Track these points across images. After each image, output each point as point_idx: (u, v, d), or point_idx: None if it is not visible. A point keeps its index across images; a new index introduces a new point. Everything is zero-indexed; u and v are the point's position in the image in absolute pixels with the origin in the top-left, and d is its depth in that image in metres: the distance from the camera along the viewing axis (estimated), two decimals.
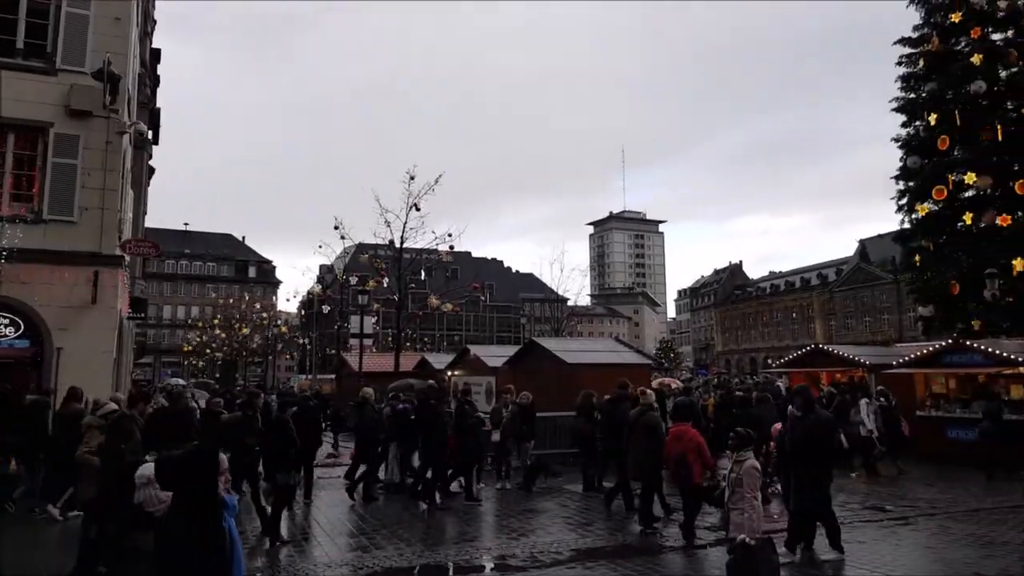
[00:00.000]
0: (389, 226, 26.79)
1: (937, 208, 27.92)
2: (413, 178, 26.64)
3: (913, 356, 19.48)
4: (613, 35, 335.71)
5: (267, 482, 10.64)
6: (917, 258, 28.79)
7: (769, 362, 67.88)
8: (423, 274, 30.25)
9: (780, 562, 7.36)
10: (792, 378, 23.52)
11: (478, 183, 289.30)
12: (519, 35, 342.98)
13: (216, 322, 76.24)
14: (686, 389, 21.98)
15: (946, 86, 27.65)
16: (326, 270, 55.38)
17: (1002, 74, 27.00)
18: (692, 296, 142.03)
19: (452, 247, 28.13)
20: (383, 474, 14.13)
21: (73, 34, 15.66)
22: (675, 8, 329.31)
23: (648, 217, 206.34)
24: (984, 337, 22.41)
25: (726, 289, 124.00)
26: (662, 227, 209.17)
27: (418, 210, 26.39)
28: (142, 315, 25.03)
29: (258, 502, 10.56)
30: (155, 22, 27.91)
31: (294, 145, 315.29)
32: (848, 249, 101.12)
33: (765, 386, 22.66)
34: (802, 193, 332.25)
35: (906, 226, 29.90)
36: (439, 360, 30.53)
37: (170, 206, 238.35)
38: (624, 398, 12.20)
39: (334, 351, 60.95)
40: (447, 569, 8.52)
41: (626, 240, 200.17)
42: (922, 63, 29.05)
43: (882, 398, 16.11)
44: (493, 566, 8.64)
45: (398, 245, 26.93)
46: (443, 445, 12.44)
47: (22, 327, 14.91)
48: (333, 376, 40.95)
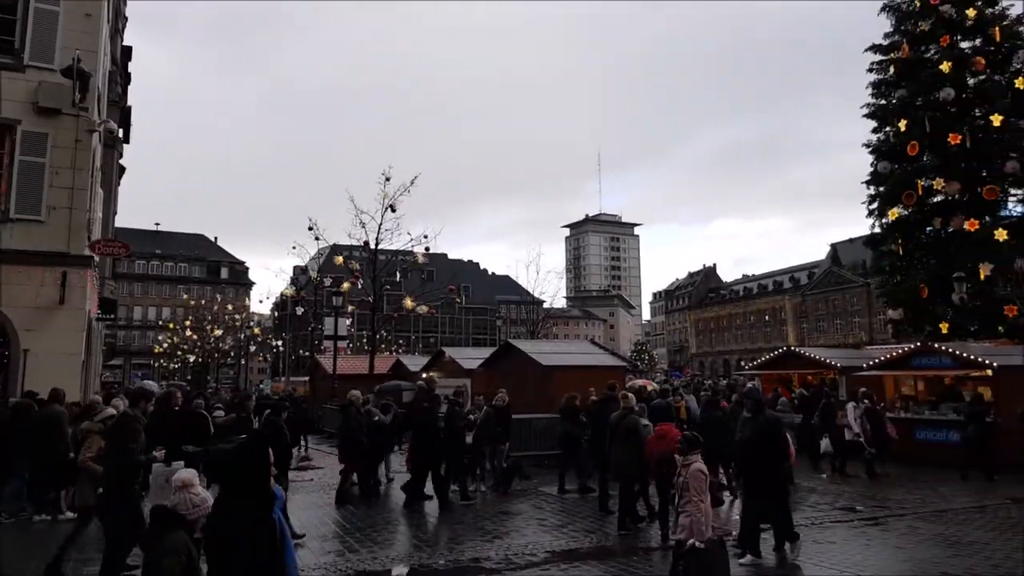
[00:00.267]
0: (364, 227, 26.71)
1: (907, 213, 28.33)
2: (389, 179, 26.59)
3: (883, 358, 19.73)
4: (589, 38, 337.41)
5: None
6: (887, 262, 29.21)
7: (742, 364, 68.47)
8: (398, 276, 30.13)
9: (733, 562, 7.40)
10: (764, 380, 23.71)
11: (454, 185, 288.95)
12: (495, 38, 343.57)
13: (188, 324, 75.37)
14: (663, 391, 22.05)
15: (916, 93, 28.06)
16: (300, 271, 54.95)
17: (970, 81, 27.46)
18: (667, 299, 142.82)
19: (428, 249, 28.06)
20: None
21: (42, 30, 15.41)
22: (651, 12, 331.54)
23: (623, 220, 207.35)
24: (952, 340, 22.77)
25: (700, 292, 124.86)
26: (637, 230, 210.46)
27: (393, 211, 26.34)
28: (112, 316, 24.65)
29: None
30: (126, 19, 27.56)
31: (268, 145, 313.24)
32: (820, 253, 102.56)
33: (734, 389, 22.83)
34: (776, 197, 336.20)
35: (876, 230, 30.32)
36: (414, 362, 30.37)
37: (141, 206, 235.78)
38: (612, 399, 12.23)
39: (307, 353, 60.54)
40: (421, 572, 8.47)
41: (602, 243, 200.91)
42: (892, 70, 29.48)
43: (867, 400, 16.15)
44: (467, 568, 8.61)
45: (373, 246, 26.79)
46: (439, 447, 12.34)
47: None
48: (307, 378, 40.65)
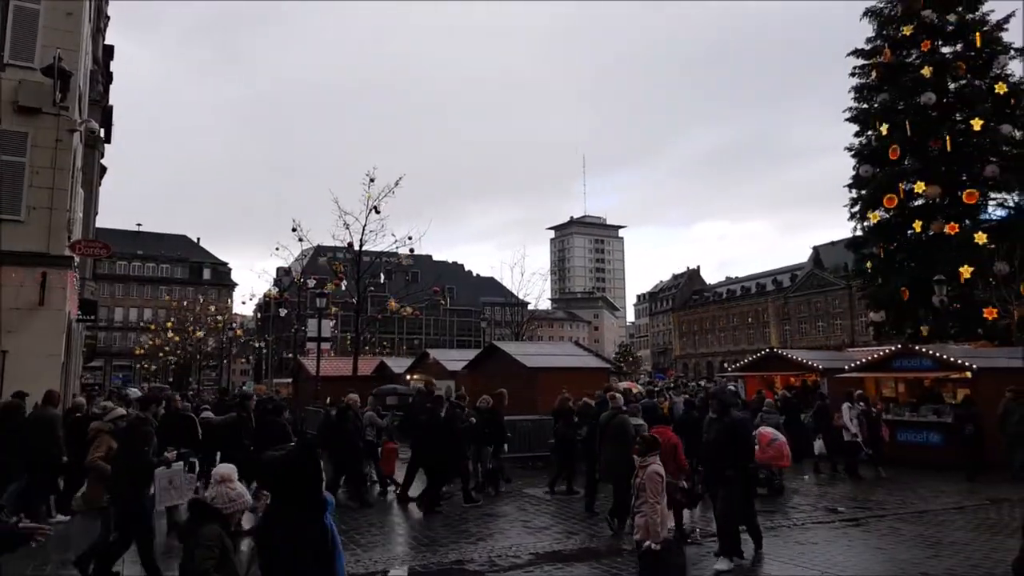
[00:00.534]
0: (348, 228, 26.60)
1: (888, 216, 28.62)
2: (373, 180, 26.49)
3: (864, 360, 19.90)
4: (575, 41, 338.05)
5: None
6: (869, 265, 29.47)
7: (726, 366, 68.79)
8: (382, 277, 30.00)
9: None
10: (748, 382, 23.85)
11: (439, 187, 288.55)
12: (480, 40, 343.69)
13: (169, 325, 74.79)
14: (650, 393, 22.32)
15: (897, 97, 28.35)
16: (283, 272, 54.70)
17: (951, 86, 27.80)
18: (651, 301, 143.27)
19: (412, 250, 28.00)
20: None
21: (22, 29, 15.22)
22: (636, 16, 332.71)
23: (608, 222, 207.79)
24: (932, 342, 23.02)
25: (684, 294, 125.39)
26: (622, 232, 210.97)
27: (378, 212, 26.23)
28: (92, 317, 24.40)
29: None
30: (108, 18, 27.30)
31: (252, 146, 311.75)
32: (803, 255, 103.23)
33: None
34: (760, 200, 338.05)
35: (858, 233, 30.60)
36: (398, 364, 30.30)
37: (123, 206, 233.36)
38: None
39: (291, 355, 60.26)
40: (404, 575, 8.45)
41: (586, 245, 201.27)
42: (874, 74, 29.77)
43: (862, 402, 16.20)
44: (451, 571, 8.59)
45: (357, 248, 26.70)
46: (445, 449, 12.33)
47: None
48: (290, 380, 40.44)
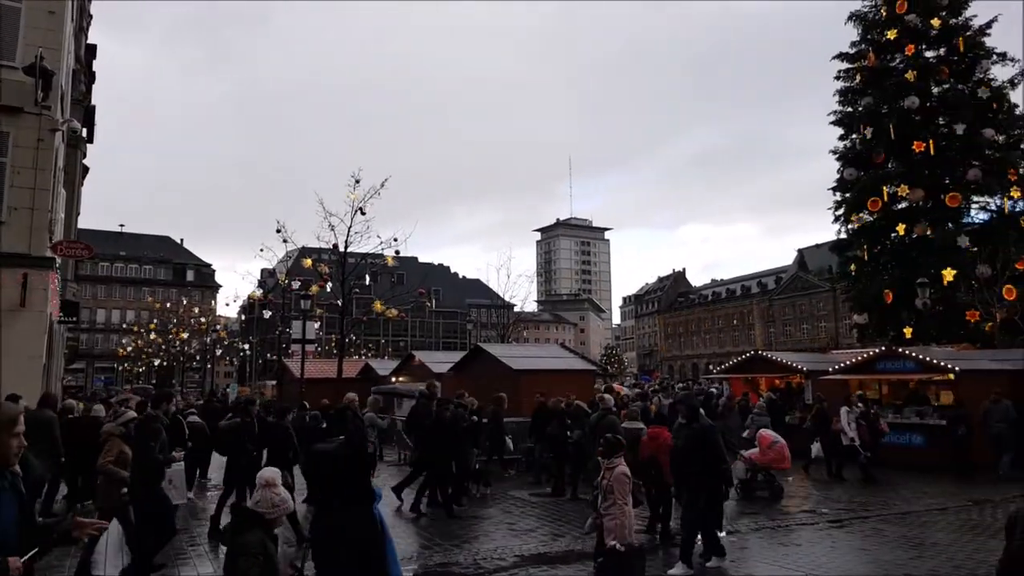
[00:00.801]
0: (333, 230, 26.42)
1: (872, 219, 28.81)
2: (359, 182, 26.31)
3: (848, 362, 20.00)
4: (560, 43, 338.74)
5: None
6: (853, 267, 29.65)
7: (711, 368, 69.08)
8: (368, 279, 29.84)
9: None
10: (732, 384, 23.92)
11: (426, 189, 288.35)
12: (467, 41, 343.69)
13: (152, 327, 74.23)
14: (642, 395, 22.51)
15: (881, 101, 28.55)
16: (268, 274, 54.50)
17: (934, 90, 28.02)
18: (637, 303, 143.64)
19: (398, 252, 27.85)
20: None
21: (4, 27, 15.05)
22: (623, 19, 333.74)
23: (595, 224, 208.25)
24: (915, 344, 23.17)
25: (670, 296, 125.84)
26: (608, 234, 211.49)
27: (363, 214, 26.04)
28: (74, 319, 24.17)
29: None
30: (91, 17, 27.07)
31: (236, 146, 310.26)
32: (787, 258, 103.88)
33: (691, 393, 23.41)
34: (746, 202, 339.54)
35: (842, 236, 30.80)
36: (383, 366, 30.18)
37: (105, 207, 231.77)
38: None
39: (275, 357, 59.96)
40: None
41: (572, 247, 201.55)
42: (859, 78, 29.98)
43: (861, 404, 16.15)
44: (436, 574, 8.54)
45: (342, 249, 26.56)
46: (453, 452, 12.31)
47: None
48: (274, 382, 40.22)
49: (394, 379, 26.39)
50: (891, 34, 28.57)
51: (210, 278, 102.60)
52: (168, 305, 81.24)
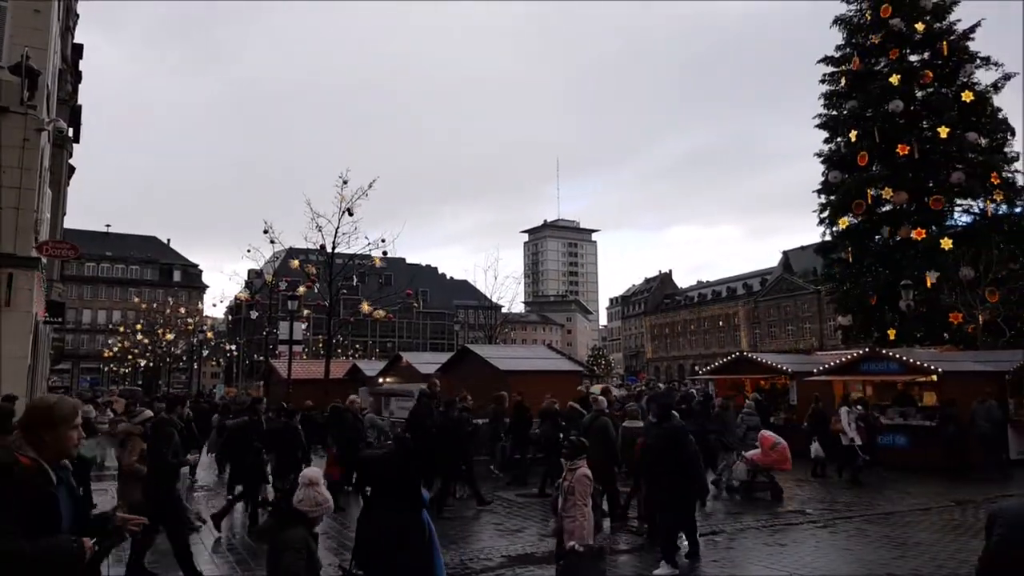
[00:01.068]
0: (321, 231, 26.34)
1: (856, 221, 29.01)
2: (346, 182, 26.24)
3: (833, 364, 20.12)
4: (549, 44, 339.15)
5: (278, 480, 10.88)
6: (837, 269, 29.88)
7: (696, 369, 69.32)
8: (355, 280, 29.79)
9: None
10: (718, 384, 24.04)
11: (413, 190, 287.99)
12: (456, 42, 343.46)
13: (139, 327, 73.74)
14: (634, 396, 22.66)
15: (866, 104, 28.79)
16: (255, 275, 54.20)
17: (918, 94, 28.26)
18: (623, 304, 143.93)
19: (386, 253, 27.82)
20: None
21: None
22: (611, 21, 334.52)
23: (582, 226, 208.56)
24: (899, 346, 23.38)
25: (656, 298, 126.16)
26: (595, 236, 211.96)
27: (351, 215, 25.99)
28: (59, 320, 23.97)
29: (260, 504, 10.97)
30: (78, 16, 26.90)
31: (223, 147, 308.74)
32: (772, 260, 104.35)
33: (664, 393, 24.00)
34: (733, 204, 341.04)
35: (827, 238, 31.02)
36: (371, 367, 30.11)
37: (91, 207, 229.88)
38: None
39: (262, 358, 59.69)
40: None
41: (560, 248, 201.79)
42: (844, 82, 30.20)
43: (859, 406, 16.07)
44: None
45: (330, 250, 26.50)
46: (462, 453, 12.34)
47: None
48: (261, 383, 40.03)
49: (381, 380, 26.34)
50: (876, 38, 28.82)
51: (197, 278, 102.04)
52: (155, 306, 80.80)
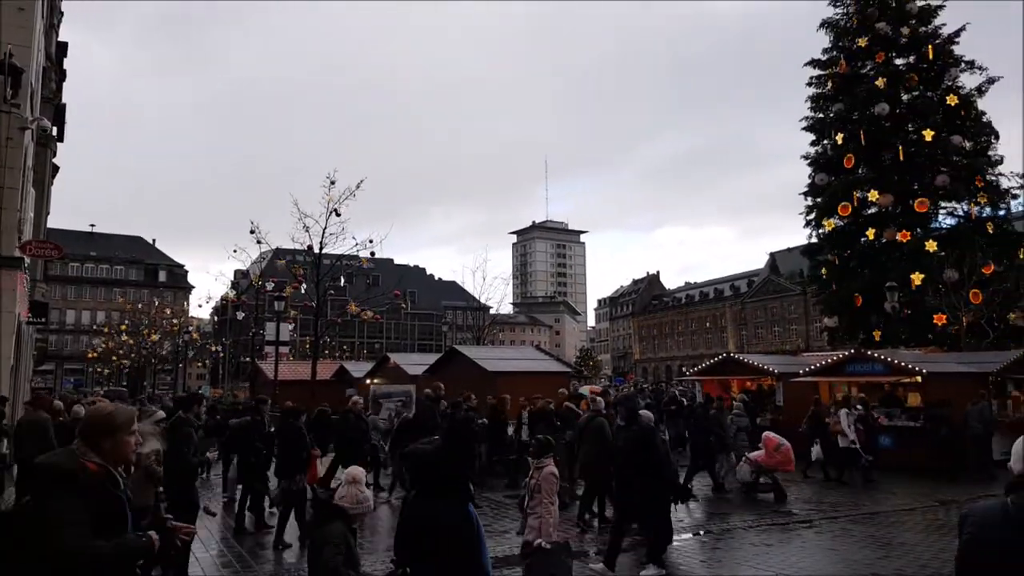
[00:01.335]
0: (308, 231, 26.21)
1: (842, 223, 29.20)
2: (334, 183, 26.13)
3: (819, 365, 20.21)
4: (538, 44, 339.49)
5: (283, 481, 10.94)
6: (823, 271, 30.02)
7: (684, 370, 69.49)
8: (343, 281, 29.65)
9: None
10: (705, 385, 24.11)
11: (401, 190, 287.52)
12: (444, 43, 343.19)
13: (123, 328, 73.17)
14: (628, 396, 22.64)
15: (852, 107, 28.97)
16: (241, 275, 53.90)
17: (904, 97, 28.48)
18: (611, 305, 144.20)
19: (373, 254, 27.70)
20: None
21: None
22: (601, 22, 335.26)
23: (570, 227, 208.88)
24: (884, 347, 23.52)
25: (644, 299, 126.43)
26: (584, 237, 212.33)
27: (338, 215, 25.88)
28: (43, 320, 23.81)
29: (261, 504, 11.17)
30: (62, 14, 26.70)
31: (210, 147, 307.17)
32: (760, 261, 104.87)
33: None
34: (721, 206, 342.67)
35: (813, 240, 31.20)
36: (358, 368, 30.00)
37: (76, 207, 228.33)
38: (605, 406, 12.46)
39: (248, 359, 59.42)
40: None
41: (548, 249, 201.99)
42: (830, 85, 30.39)
43: (859, 407, 15.97)
44: None
45: (317, 251, 26.38)
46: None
47: None
48: (247, 384, 39.88)
49: (369, 381, 26.26)
50: (862, 41, 29.01)
51: (183, 279, 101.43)
52: (139, 306, 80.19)
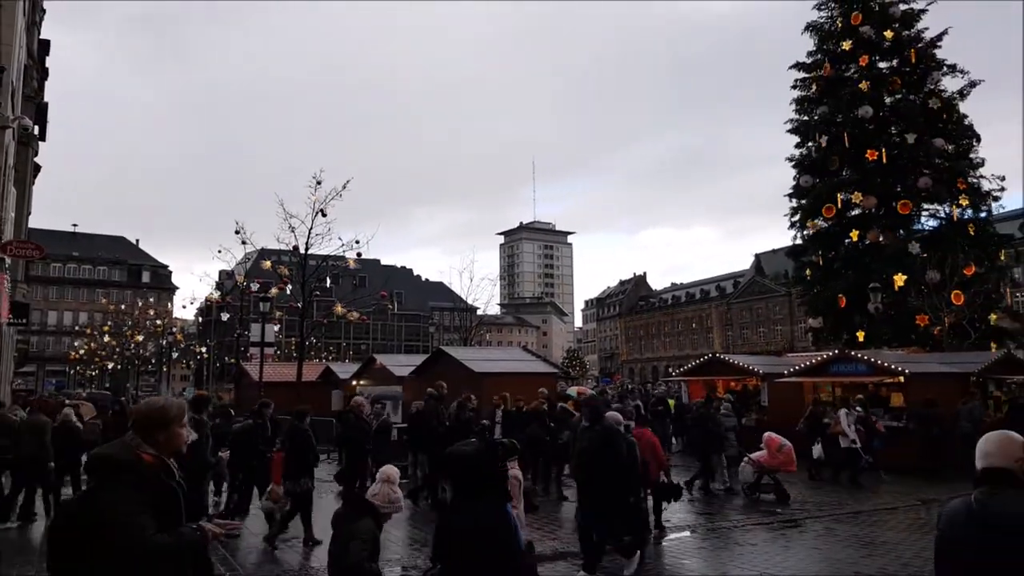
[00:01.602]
0: (294, 231, 26.06)
1: (826, 225, 29.40)
2: (320, 183, 26.00)
3: (803, 365, 20.33)
4: (525, 47, 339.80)
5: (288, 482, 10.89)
6: (808, 272, 30.21)
7: (670, 371, 69.62)
8: (329, 281, 29.49)
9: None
10: (691, 386, 24.20)
11: (388, 190, 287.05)
12: (432, 43, 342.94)
13: (106, 329, 72.55)
14: (621, 396, 22.81)
15: (836, 110, 29.16)
16: (226, 276, 53.54)
17: (887, 100, 28.70)
18: (598, 306, 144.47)
19: (360, 254, 27.58)
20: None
21: None
22: (591, 24, 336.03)
23: (558, 228, 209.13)
24: (868, 348, 23.69)
25: (631, 300, 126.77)
26: (571, 238, 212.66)
27: (324, 215, 25.75)
28: (24, 321, 23.60)
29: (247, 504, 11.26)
30: (44, 12, 26.49)
31: (195, 147, 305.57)
32: (745, 262, 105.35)
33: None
34: (707, 207, 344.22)
35: (798, 242, 31.38)
36: (344, 370, 29.88)
37: (58, 206, 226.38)
38: (604, 404, 12.45)
39: (233, 360, 59.08)
40: None
41: (535, 250, 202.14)
42: (815, 87, 30.58)
43: (859, 408, 15.90)
44: None
45: (303, 251, 26.24)
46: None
47: None
48: (232, 386, 39.65)
49: (355, 382, 26.16)
50: (846, 45, 29.21)
51: (166, 279, 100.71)
52: (123, 307, 79.57)
